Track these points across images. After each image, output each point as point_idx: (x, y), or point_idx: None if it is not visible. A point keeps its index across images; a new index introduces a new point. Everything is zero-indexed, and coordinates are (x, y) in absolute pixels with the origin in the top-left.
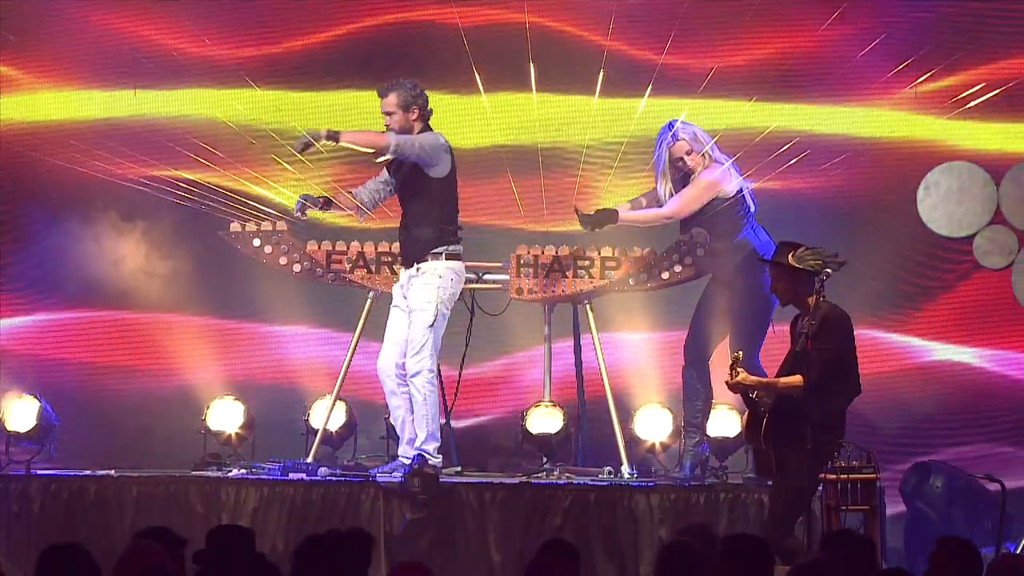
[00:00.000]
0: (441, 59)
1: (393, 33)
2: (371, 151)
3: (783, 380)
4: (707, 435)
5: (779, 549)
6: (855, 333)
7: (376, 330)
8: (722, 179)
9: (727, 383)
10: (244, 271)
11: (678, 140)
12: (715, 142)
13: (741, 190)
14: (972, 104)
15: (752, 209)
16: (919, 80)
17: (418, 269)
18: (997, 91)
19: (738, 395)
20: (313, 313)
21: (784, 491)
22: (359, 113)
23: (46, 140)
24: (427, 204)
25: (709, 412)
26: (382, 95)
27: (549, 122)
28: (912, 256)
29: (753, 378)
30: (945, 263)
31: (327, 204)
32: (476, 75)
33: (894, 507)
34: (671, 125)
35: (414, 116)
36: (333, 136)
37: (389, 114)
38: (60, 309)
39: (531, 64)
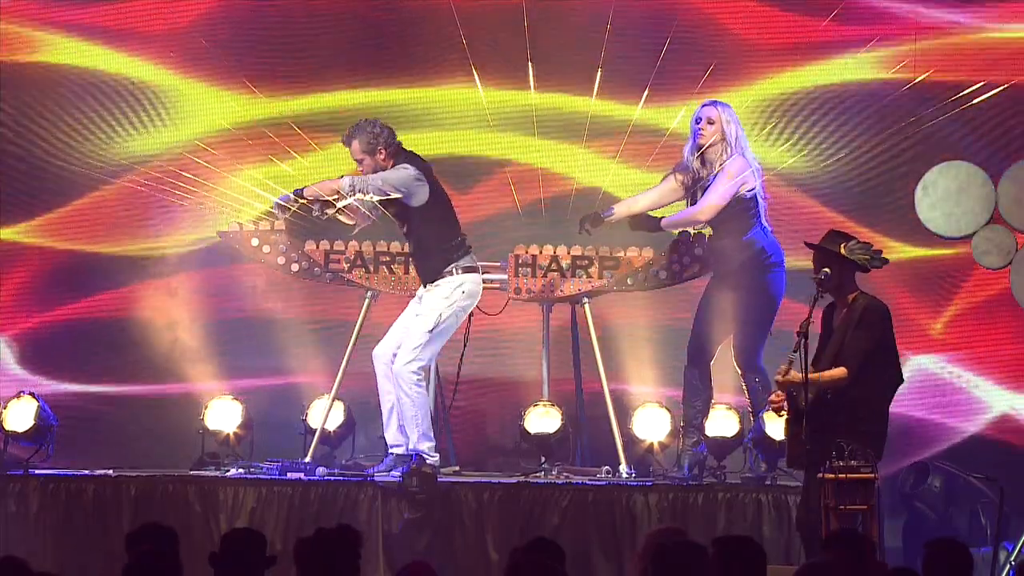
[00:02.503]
0: (435, 44)
1: (383, 17)
2: (334, 198)
3: (827, 374)
4: (705, 435)
5: (810, 535)
6: None
7: (374, 330)
8: (742, 171)
9: (777, 380)
10: (242, 269)
11: (716, 108)
12: (742, 136)
13: (756, 195)
14: (975, 102)
15: (762, 207)
16: (917, 79)
17: (434, 284)
18: (996, 90)
19: (731, 395)
20: (311, 312)
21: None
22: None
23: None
24: (420, 232)
25: (708, 412)
26: (346, 144)
27: (547, 114)
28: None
29: (800, 375)
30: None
31: (314, 208)
32: (471, 65)
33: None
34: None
35: (381, 157)
36: (299, 194)
37: (359, 161)
38: (58, 308)
39: (530, 63)
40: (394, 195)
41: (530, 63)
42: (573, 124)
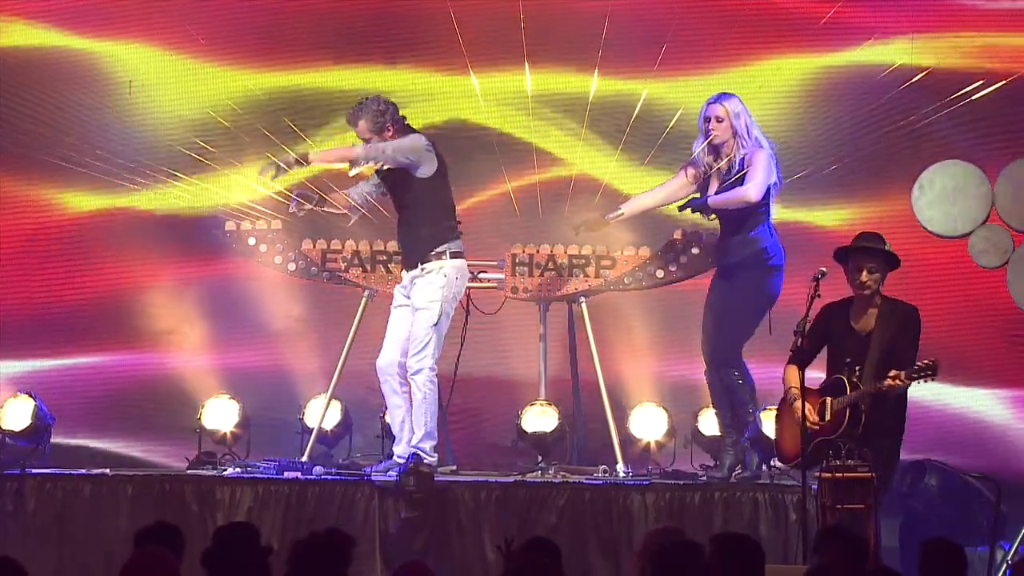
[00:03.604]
0: (425, 27)
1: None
2: (344, 165)
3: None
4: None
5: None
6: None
7: (371, 329)
8: (770, 160)
9: (889, 385)
10: (240, 269)
11: (722, 104)
12: (752, 125)
13: (770, 190)
14: (973, 98)
15: (772, 203)
16: (916, 78)
17: (422, 268)
18: (996, 86)
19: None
20: (308, 312)
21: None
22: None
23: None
24: (420, 204)
25: (751, 406)
26: (352, 123)
27: (543, 99)
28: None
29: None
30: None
31: (322, 201)
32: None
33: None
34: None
35: (389, 134)
36: (303, 159)
37: (366, 140)
38: (54, 306)
39: (526, 59)
40: (404, 163)
41: (526, 59)
42: (572, 111)
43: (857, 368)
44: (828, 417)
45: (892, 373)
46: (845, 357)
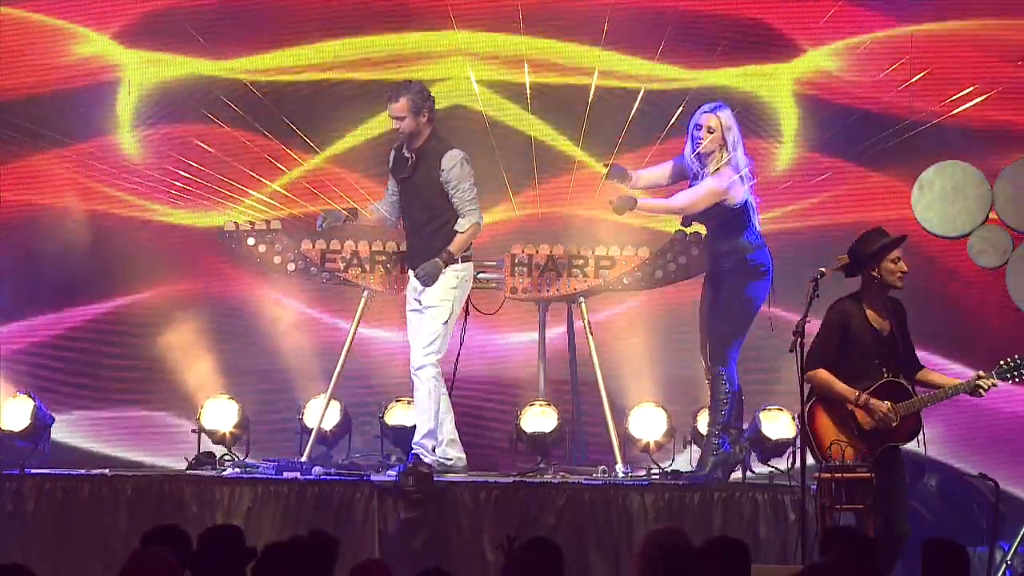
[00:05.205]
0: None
1: None
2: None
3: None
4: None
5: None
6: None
7: (371, 329)
8: (729, 188)
9: (980, 386)
10: (238, 269)
11: (715, 115)
12: (739, 141)
13: (747, 201)
14: (965, 107)
15: (754, 210)
16: (915, 77)
17: None
18: (990, 92)
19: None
20: (307, 312)
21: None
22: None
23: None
24: (448, 214)
25: (737, 408)
26: (391, 99)
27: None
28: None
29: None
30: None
31: (353, 215)
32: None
33: None
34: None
35: (424, 119)
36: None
37: (399, 119)
38: (53, 306)
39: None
40: None
41: (526, 63)
42: (571, 105)
43: (884, 370)
44: (897, 421)
45: (983, 374)
46: (873, 359)
